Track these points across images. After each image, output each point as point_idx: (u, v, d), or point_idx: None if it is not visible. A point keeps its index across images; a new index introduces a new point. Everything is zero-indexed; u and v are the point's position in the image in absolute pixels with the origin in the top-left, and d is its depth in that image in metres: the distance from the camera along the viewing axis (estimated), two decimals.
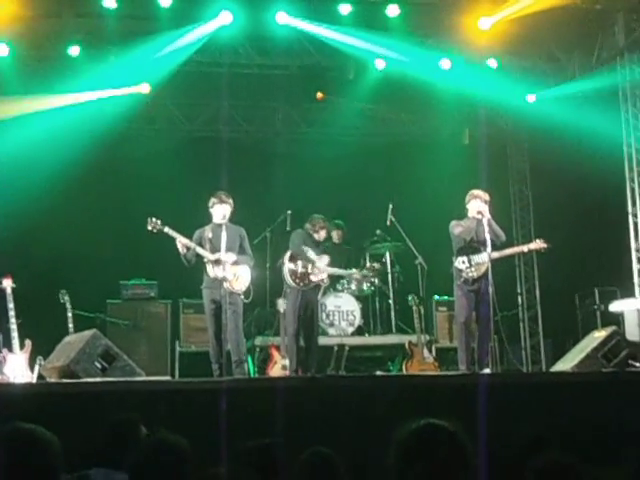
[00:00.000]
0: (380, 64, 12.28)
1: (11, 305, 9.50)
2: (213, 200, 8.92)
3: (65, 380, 7.81)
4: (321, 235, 9.79)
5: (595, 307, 12.11)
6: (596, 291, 12.19)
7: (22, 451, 2.53)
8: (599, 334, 9.20)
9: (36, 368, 9.14)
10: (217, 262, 8.68)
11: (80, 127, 12.50)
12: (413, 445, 2.48)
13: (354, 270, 9.83)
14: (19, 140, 11.67)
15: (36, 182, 11.63)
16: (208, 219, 9.01)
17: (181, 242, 8.66)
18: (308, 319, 9.51)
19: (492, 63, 12.36)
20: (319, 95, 13.03)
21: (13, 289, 9.60)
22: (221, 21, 11.04)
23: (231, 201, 8.92)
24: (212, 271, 8.73)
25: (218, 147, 13.42)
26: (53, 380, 8.23)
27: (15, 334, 9.37)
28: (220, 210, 8.84)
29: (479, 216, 9.05)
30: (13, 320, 9.41)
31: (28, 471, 2.49)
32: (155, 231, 8.72)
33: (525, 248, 9.96)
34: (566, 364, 8.99)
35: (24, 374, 9.17)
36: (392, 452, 2.53)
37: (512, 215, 14.05)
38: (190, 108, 13.67)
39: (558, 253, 10.21)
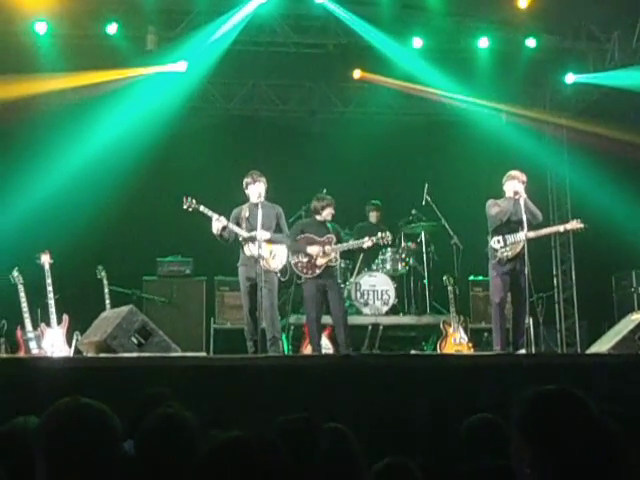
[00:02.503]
0: (418, 42, 12.20)
1: (49, 281, 9.63)
2: (246, 181, 8.94)
3: (102, 355, 7.90)
4: (325, 214, 9.67)
5: (632, 289, 12.01)
6: (633, 273, 12.09)
7: (95, 428, 2.57)
8: (636, 316, 9.13)
9: (73, 343, 9.27)
10: (253, 240, 8.70)
11: (117, 105, 12.58)
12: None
13: (366, 239, 9.65)
14: (56, 115, 11.79)
15: (73, 160, 11.73)
16: (245, 197, 9.03)
17: (219, 222, 8.68)
18: (331, 301, 9.48)
19: (530, 42, 12.24)
20: (357, 74, 12.96)
21: (51, 265, 9.73)
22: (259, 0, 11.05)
23: (264, 179, 8.92)
24: (248, 249, 8.76)
25: (254, 126, 13.46)
26: (90, 355, 8.33)
27: (53, 309, 9.50)
28: (255, 189, 8.86)
29: (516, 196, 8.99)
30: (51, 295, 9.55)
31: (97, 447, 2.54)
32: (190, 210, 8.77)
33: (562, 228, 9.87)
34: (602, 346, 8.93)
35: (62, 348, 9.31)
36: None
37: (549, 196, 13.93)
38: (227, 87, 13.67)
39: (595, 234, 10.13)
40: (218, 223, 8.69)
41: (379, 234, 9.69)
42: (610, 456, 2.31)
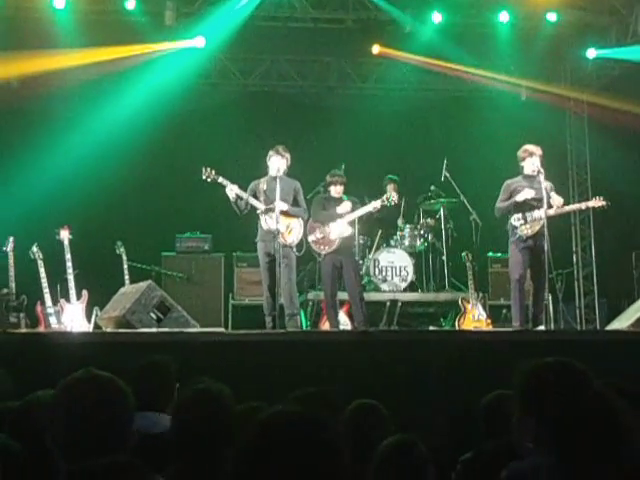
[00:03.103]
0: (437, 17, 12.11)
1: (68, 256, 9.68)
2: (271, 152, 8.93)
3: (121, 330, 7.94)
4: (337, 190, 9.66)
5: None
6: None
7: (105, 398, 2.58)
8: None
9: (93, 318, 9.33)
10: (270, 214, 8.69)
11: (135, 81, 12.59)
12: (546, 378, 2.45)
13: (372, 202, 9.58)
14: (74, 91, 11.80)
15: (92, 136, 11.76)
16: (263, 172, 9.02)
17: (232, 191, 8.70)
18: (346, 276, 9.48)
19: (551, 17, 12.11)
20: (376, 49, 12.88)
21: (70, 240, 9.77)
22: None
23: (288, 155, 8.91)
24: (265, 223, 8.76)
25: (272, 102, 13.42)
26: (109, 330, 8.38)
27: (72, 284, 9.55)
28: (276, 162, 8.84)
29: (535, 173, 8.90)
30: (70, 271, 9.59)
31: (108, 418, 2.54)
32: (209, 180, 8.78)
33: (583, 205, 9.81)
34: (622, 323, 8.89)
35: (81, 323, 9.37)
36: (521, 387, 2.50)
37: (569, 172, 13.84)
38: (245, 62, 13.62)
39: (615, 211, 10.05)
40: (231, 192, 8.70)
41: (384, 195, 9.64)
42: (610, 426, 2.29)
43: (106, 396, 2.58)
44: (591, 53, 12.79)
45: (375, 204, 9.51)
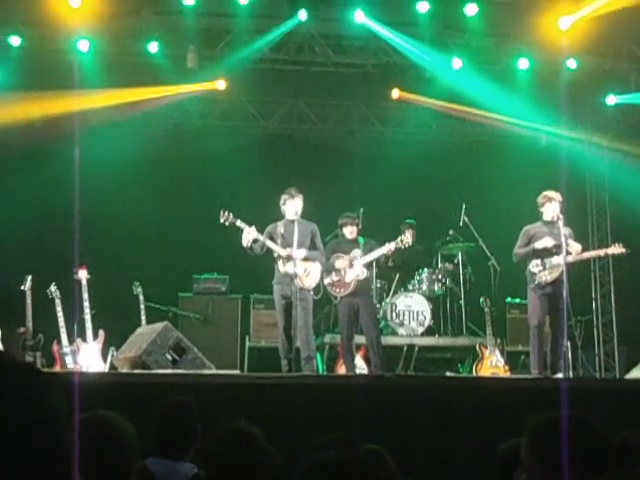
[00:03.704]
0: (457, 63, 12.18)
1: (86, 296, 9.70)
2: (284, 197, 8.96)
3: (136, 371, 7.92)
4: (348, 232, 9.67)
5: None
6: None
7: (99, 439, 2.54)
8: None
9: (109, 358, 9.31)
10: (288, 258, 8.70)
11: (156, 123, 12.72)
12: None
13: (386, 244, 9.54)
14: (95, 132, 11.91)
15: (112, 176, 11.84)
16: (280, 216, 9.04)
17: (249, 234, 8.71)
18: (364, 319, 9.44)
19: (571, 64, 12.15)
20: (396, 94, 12.95)
21: (88, 280, 9.79)
22: (297, 19, 11.11)
23: (301, 196, 8.94)
24: (283, 267, 8.76)
25: (292, 145, 13.49)
26: (125, 370, 8.36)
27: (89, 324, 9.56)
28: (292, 206, 8.87)
29: (554, 219, 8.87)
30: (87, 311, 9.61)
31: (103, 459, 2.50)
32: (227, 224, 8.81)
33: (602, 252, 9.76)
34: None
35: (97, 364, 9.35)
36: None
37: (588, 218, 13.79)
38: (265, 105, 13.72)
39: (635, 257, 9.99)
40: (249, 235, 8.71)
41: (399, 237, 9.62)
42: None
43: (105, 436, 2.54)
44: (611, 100, 12.81)
45: (389, 246, 9.50)
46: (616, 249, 9.31)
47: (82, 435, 2.51)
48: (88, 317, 9.58)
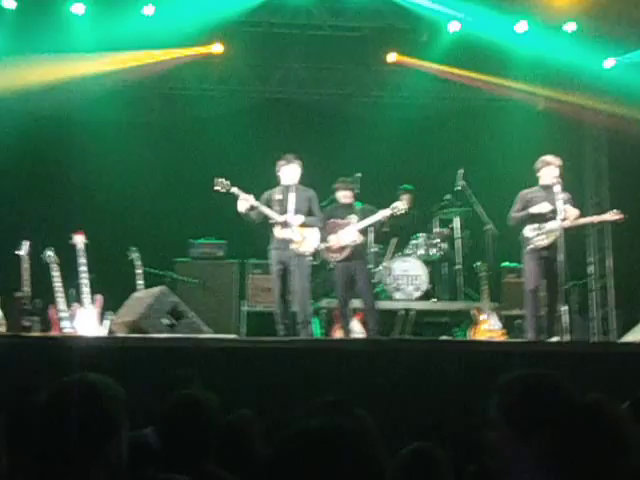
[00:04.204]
0: (454, 26, 12.10)
1: (83, 260, 9.67)
2: (280, 163, 8.93)
3: (134, 335, 7.95)
4: (343, 196, 9.67)
5: None
6: None
7: (84, 402, 2.54)
8: None
9: (106, 323, 9.32)
10: (285, 224, 8.69)
11: (152, 87, 12.65)
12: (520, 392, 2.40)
13: (380, 211, 9.52)
14: (92, 97, 11.85)
15: (108, 141, 11.80)
16: (278, 182, 9.02)
17: (246, 201, 8.68)
18: (359, 284, 9.47)
19: (570, 26, 12.08)
20: (392, 57, 12.88)
21: (86, 245, 9.78)
22: None
23: (299, 162, 8.90)
24: (279, 232, 8.75)
25: (290, 109, 13.42)
26: (122, 334, 8.38)
27: (86, 289, 9.55)
28: (289, 171, 8.84)
29: (553, 182, 8.84)
30: (84, 275, 9.59)
31: (88, 421, 2.50)
32: (224, 191, 8.78)
33: (599, 219, 9.76)
34: (636, 335, 8.84)
35: (94, 328, 9.36)
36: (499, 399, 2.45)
37: (586, 183, 13.77)
38: (262, 69, 13.63)
39: (632, 223, 10.00)
40: (245, 202, 8.69)
41: (393, 204, 9.60)
42: (612, 437, 2.26)
43: (91, 401, 2.54)
44: (609, 62, 12.74)
45: (384, 213, 9.49)
46: (612, 216, 9.31)
47: (68, 398, 2.53)
48: (85, 282, 9.57)
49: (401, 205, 9.56)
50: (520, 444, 2.31)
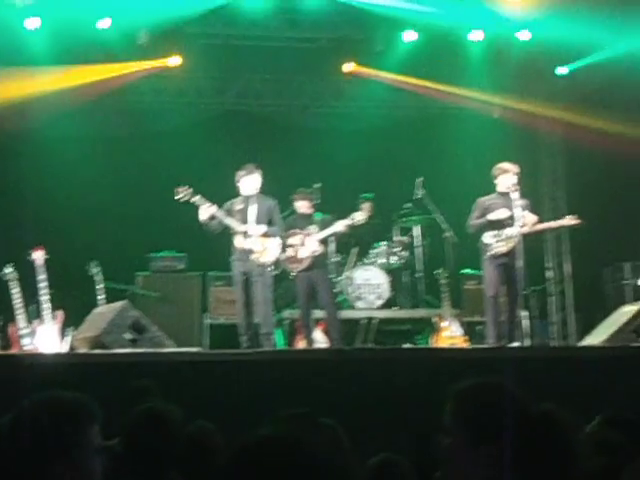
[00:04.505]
0: (409, 36, 12.21)
1: (42, 277, 9.59)
2: (240, 173, 8.92)
3: (95, 351, 7.89)
4: (301, 207, 9.73)
5: (625, 281, 12.04)
6: (626, 265, 12.11)
7: (51, 419, 2.53)
8: (629, 308, 9.15)
9: (67, 339, 9.24)
10: (246, 234, 8.69)
11: (109, 100, 12.58)
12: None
13: (339, 221, 9.56)
14: (49, 112, 11.77)
15: (67, 155, 11.72)
16: (237, 193, 9.02)
17: (207, 210, 8.67)
18: (321, 294, 9.50)
19: (524, 35, 12.24)
20: (348, 68, 12.97)
21: (45, 260, 9.69)
22: None
23: (259, 172, 8.91)
24: (240, 243, 8.75)
25: (247, 120, 13.44)
26: (83, 351, 8.32)
27: (46, 305, 9.47)
28: (249, 181, 8.84)
29: (511, 189, 8.94)
30: (45, 291, 9.51)
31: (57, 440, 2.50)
32: (185, 200, 8.76)
33: (557, 224, 9.88)
34: (595, 338, 8.95)
35: (55, 344, 9.28)
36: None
37: (543, 189, 13.94)
38: (220, 81, 13.64)
39: (588, 227, 10.14)
40: (207, 212, 8.68)
41: (351, 214, 9.64)
42: (561, 447, 2.31)
43: (63, 417, 2.54)
44: (563, 70, 12.92)
45: (343, 223, 9.52)
46: (569, 221, 9.43)
47: (34, 416, 2.52)
48: (45, 298, 9.49)
49: (359, 215, 9.60)
50: (472, 452, 2.35)
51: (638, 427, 3.59)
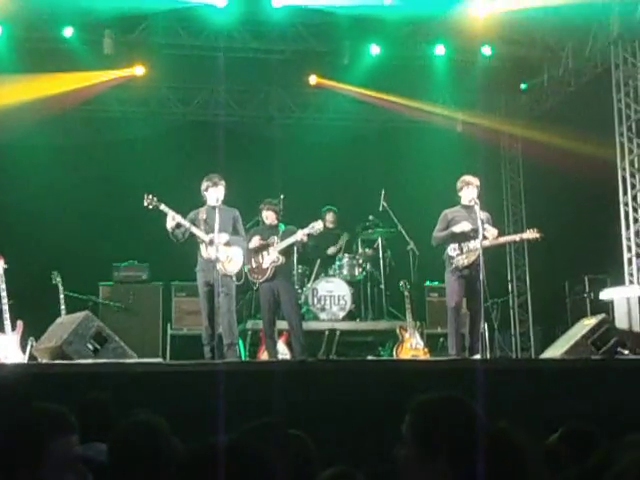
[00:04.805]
0: (375, 49, 12.31)
1: (3, 286, 9.50)
2: (207, 183, 8.91)
3: (57, 361, 7.83)
4: (265, 217, 9.76)
5: (585, 295, 12.17)
6: (586, 279, 12.25)
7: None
8: (589, 322, 9.25)
9: (28, 349, 9.16)
10: (211, 242, 8.69)
11: (72, 109, 12.52)
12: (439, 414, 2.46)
13: (299, 231, 9.59)
14: (11, 120, 11.68)
15: (28, 164, 11.65)
16: (202, 202, 9.01)
17: (174, 219, 8.67)
18: (284, 304, 9.51)
19: (486, 51, 12.38)
20: (313, 80, 13.05)
21: (5, 270, 9.61)
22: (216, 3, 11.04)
23: (224, 183, 8.91)
24: (205, 252, 8.73)
25: (212, 131, 13.42)
26: (45, 361, 8.25)
27: (7, 315, 9.38)
28: (214, 193, 8.84)
29: (472, 203, 9.03)
30: (5, 301, 9.42)
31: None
32: (151, 207, 8.74)
33: (518, 237, 9.98)
34: (555, 351, 9.04)
35: (16, 355, 9.19)
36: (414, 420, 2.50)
37: (504, 203, 14.10)
38: (184, 92, 13.66)
39: (549, 241, 10.26)
40: (172, 220, 8.67)
41: (311, 223, 9.67)
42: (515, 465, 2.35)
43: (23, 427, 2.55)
44: (523, 85, 13.10)
45: (302, 233, 9.55)
46: (531, 234, 9.51)
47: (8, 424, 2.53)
48: (5, 307, 9.39)
49: (318, 224, 9.63)
50: (425, 465, 2.38)
51: (597, 439, 3.65)
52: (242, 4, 11.13)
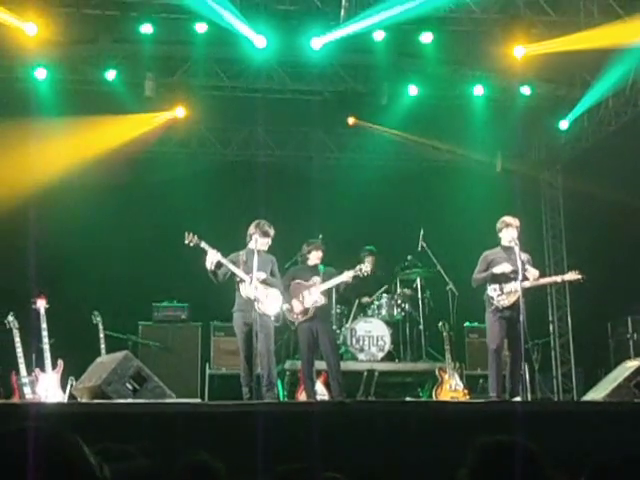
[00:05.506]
0: (413, 90, 12.35)
1: (44, 325, 9.60)
2: (257, 231, 8.83)
3: (96, 400, 7.86)
4: (312, 258, 9.74)
5: (628, 336, 12.00)
6: (629, 320, 12.08)
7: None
8: (632, 363, 9.11)
9: (68, 388, 9.22)
10: (250, 281, 8.69)
11: (115, 150, 12.68)
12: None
13: (345, 272, 9.55)
14: (56, 163, 11.86)
15: (71, 204, 11.79)
16: (241, 241, 9.04)
17: (213, 257, 8.69)
18: (323, 345, 9.48)
19: (525, 90, 12.37)
20: (351, 120, 13.11)
21: (47, 309, 9.71)
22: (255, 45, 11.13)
23: (273, 232, 8.91)
24: (245, 291, 8.74)
25: (251, 171, 13.53)
26: (84, 400, 8.29)
27: (48, 354, 9.46)
28: (261, 242, 8.82)
29: (512, 244, 8.98)
30: (46, 340, 9.51)
31: None
32: (192, 244, 8.77)
33: (559, 279, 9.87)
34: (598, 393, 8.91)
35: (56, 394, 9.25)
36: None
37: (544, 243, 13.98)
38: (224, 132, 13.79)
39: (591, 281, 10.15)
40: (213, 258, 8.69)
41: (358, 265, 9.66)
42: None
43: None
44: (564, 124, 13.02)
45: (348, 274, 9.54)
46: (572, 275, 9.41)
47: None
48: (47, 347, 9.48)
49: (365, 267, 9.62)
50: None
51: None
52: (281, 45, 11.21)
